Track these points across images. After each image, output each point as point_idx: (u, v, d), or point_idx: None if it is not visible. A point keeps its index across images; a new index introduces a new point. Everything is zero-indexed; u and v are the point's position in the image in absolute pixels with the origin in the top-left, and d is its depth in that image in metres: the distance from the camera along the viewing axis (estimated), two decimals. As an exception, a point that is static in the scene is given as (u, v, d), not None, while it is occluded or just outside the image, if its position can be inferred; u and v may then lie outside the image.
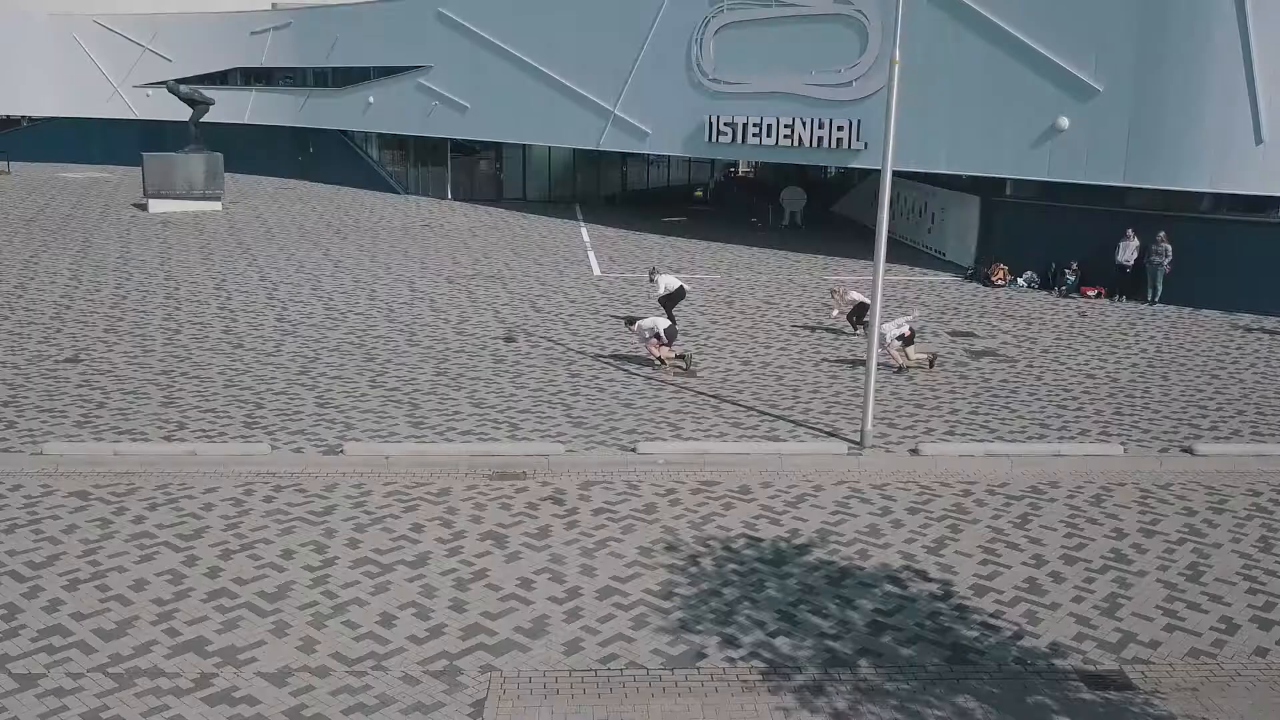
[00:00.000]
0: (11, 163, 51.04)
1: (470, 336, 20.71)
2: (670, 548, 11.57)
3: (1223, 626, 10.14)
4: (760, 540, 11.82)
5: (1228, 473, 14.08)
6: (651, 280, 21.34)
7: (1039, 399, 17.16)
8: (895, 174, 16.24)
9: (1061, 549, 11.75)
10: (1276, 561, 11.52)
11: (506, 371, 18.23)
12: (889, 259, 16.04)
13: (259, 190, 43.83)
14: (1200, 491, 13.47)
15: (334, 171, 47.48)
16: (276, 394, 16.61)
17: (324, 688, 8.79)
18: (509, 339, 20.62)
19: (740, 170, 49.18)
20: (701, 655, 9.44)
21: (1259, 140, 23.15)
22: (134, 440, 14.33)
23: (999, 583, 10.95)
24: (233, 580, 10.58)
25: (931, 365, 18.73)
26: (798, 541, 11.80)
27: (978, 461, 14.33)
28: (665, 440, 14.77)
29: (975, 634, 9.93)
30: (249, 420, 15.30)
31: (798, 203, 37.20)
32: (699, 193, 44.99)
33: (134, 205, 38.92)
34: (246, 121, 49.28)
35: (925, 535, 12.05)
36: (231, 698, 8.62)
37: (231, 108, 47.61)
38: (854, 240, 31.91)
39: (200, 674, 8.94)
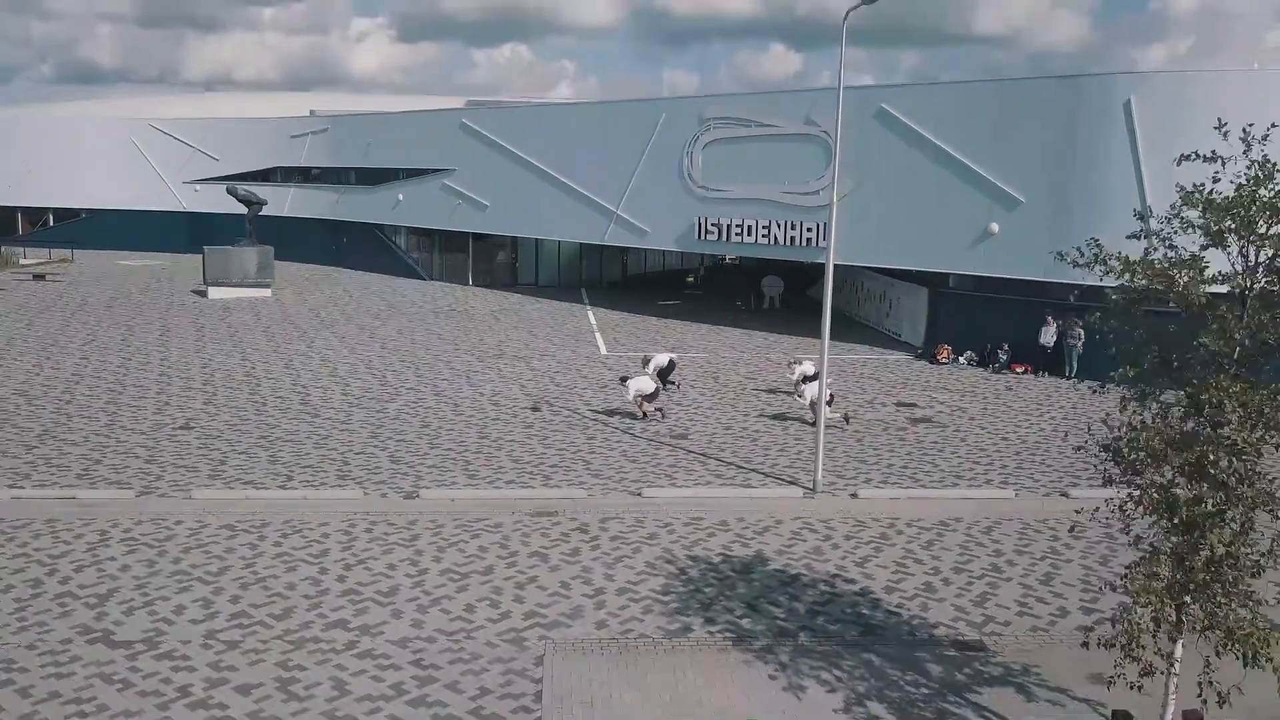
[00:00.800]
0: (73, 250, 55.43)
1: (503, 407, 24.72)
2: (668, 562, 15.45)
3: (1058, 613, 14.01)
4: (733, 557, 15.70)
5: (1090, 510, 17.97)
6: (644, 366, 25.73)
7: (959, 456, 21.15)
8: (859, 267, 20.32)
9: (953, 564, 15.64)
10: (1109, 571, 15.39)
11: (535, 435, 22.20)
12: (855, 339, 20.15)
13: (300, 277, 48.10)
14: (1066, 524, 17.35)
15: (366, 259, 51.87)
16: (356, 453, 20.56)
17: (433, 649, 12.63)
18: (534, 409, 24.63)
19: (727, 259, 53.58)
20: (689, 630, 13.29)
21: (1143, 237, 27.39)
22: (257, 489, 18.26)
23: (904, 585, 14.83)
24: (356, 583, 14.43)
25: (847, 421, 22.90)
26: (761, 558, 15.68)
27: (902, 503, 18.28)
28: (663, 487, 18.73)
29: (882, 617, 13.80)
30: (340, 473, 19.24)
31: (776, 289, 41.52)
32: (691, 278, 49.31)
33: (194, 291, 43.12)
34: (286, 214, 53.72)
35: (855, 554, 15.94)
36: (371, 655, 12.45)
37: (273, 202, 52.00)
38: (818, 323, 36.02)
39: (347, 641, 12.77)
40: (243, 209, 46.94)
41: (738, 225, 35.81)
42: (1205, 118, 27.94)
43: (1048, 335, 28.98)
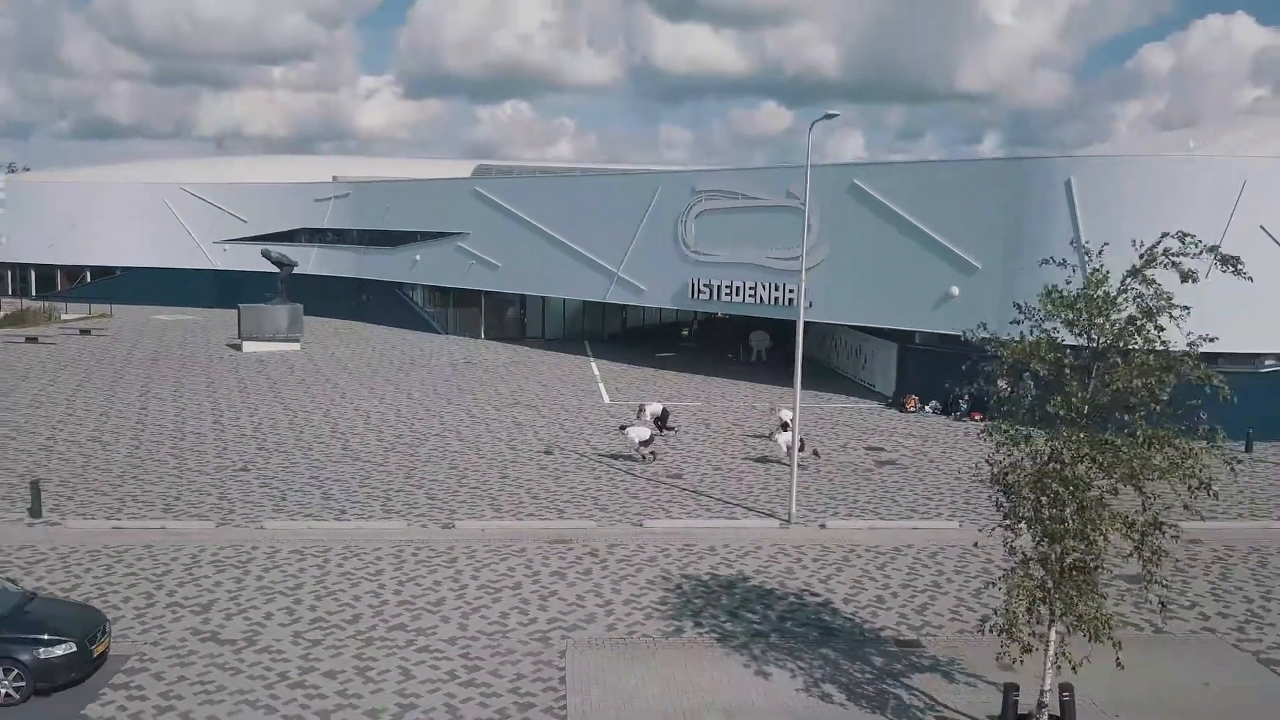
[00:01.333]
0: (111, 305, 58.60)
1: (519, 450, 27.68)
2: (664, 579, 18.35)
3: (981, 620, 16.88)
4: (719, 576, 18.62)
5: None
6: (640, 415, 28.82)
7: (916, 493, 24.11)
8: (837, 324, 23.31)
9: (901, 581, 18.56)
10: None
11: (549, 474, 25.16)
12: (833, 389, 23.19)
13: (325, 331, 51.19)
14: (1002, 550, 20.29)
15: (385, 315, 55.04)
16: (396, 491, 23.50)
17: (476, 645, 15.50)
18: (547, 452, 27.58)
19: (718, 315, 56.75)
20: (682, 631, 16.18)
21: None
22: (316, 520, 21.18)
23: (859, 598, 17.74)
24: (409, 596, 17.32)
25: (816, 455, 25.96)
26: (742, 576, 18.59)
27: (863, 532, 21.22)
28: (661, 518, 21.67)
29: (839, 623, 16.69)
30: (385, 508, 22.17)
31: (763, 342, 44.66)
32: (685, 332, 52.47)
33: (229, 345, 46.19)
34: (310, 272, 56.90)
35: (820, 574, 18.85)
36: (428, 649, 15.32)
37: (298, 261, 55.31)
38: (809, 374, 39.04)
39: (406, 639, 15.65)
40: (272, 268, 50.20)
41: (727, 286, 39.03)
42: (1136, 195, 31.76)
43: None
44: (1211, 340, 12.35)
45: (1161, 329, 12.07)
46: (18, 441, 27.60)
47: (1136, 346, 11.90)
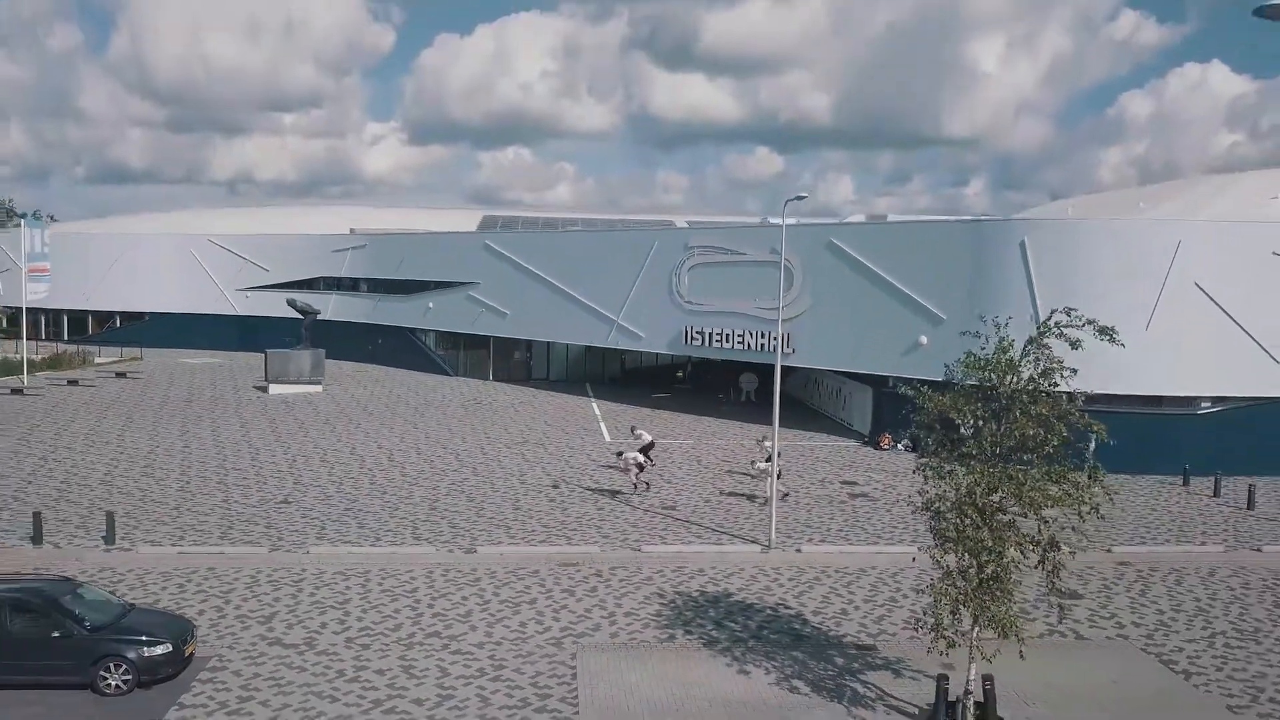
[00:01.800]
0: (140, 349, 61.34)
1: (529, 484, 30.30)
2: (660, 596, 20.94)
3: (930, 629, 19.48)
4: (707, 593, 21.21)
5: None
6: (633, 433, 31.43)
7: (883, 522, 26.74)
8: (818, 368, 25.94)
9: (864, 597, 21.16)
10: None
11: (557, 506, 27.78)
12: (815, 428, 25.83)
13: (344, 374, 53.89)
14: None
15: (398, 358, 57.82)
16: (423, 521, 26.10)
17: (500, 649, 18.07)
18: (554, 485, 30.20)
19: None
20: (674, 638, 18.77)
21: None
22: (355, 546, 23.78)
23: (826, 610, 20.34)
24: (441, 609, 19.90)
25: (783, 498, 28.41)
26: (726, 593, 21.18)
27: (834, 556, 23.83)
28: (657, 544, 24.28)
29: (809, 631, 19.28)
30: (414, 535, 24.77)
31: (751, 384, 47.38)
32: (680, 374, 55.24)
33: (256, 387, 48.88)
34: (328, 318, 59.73)
35: (794, 591, 21.45)
36: (460, 652, 17.88)
37: (317, 307, 58.19)
38: (793, 413, 41.88)
39: (441, 644, 18.21)
40: (292, 313, 53.03)
41: (718, 333, 41.89)
42: (1084, 255, 34.67)
43: (966, 428, 34.67)
44: (1086, 394, 15.05)
45: (1055, 384, 14.76)
46: (79, 477, 30.20)
47: (1029, 402, 14.54)
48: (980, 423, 14.92)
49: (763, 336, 40.25)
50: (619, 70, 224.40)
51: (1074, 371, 14.84)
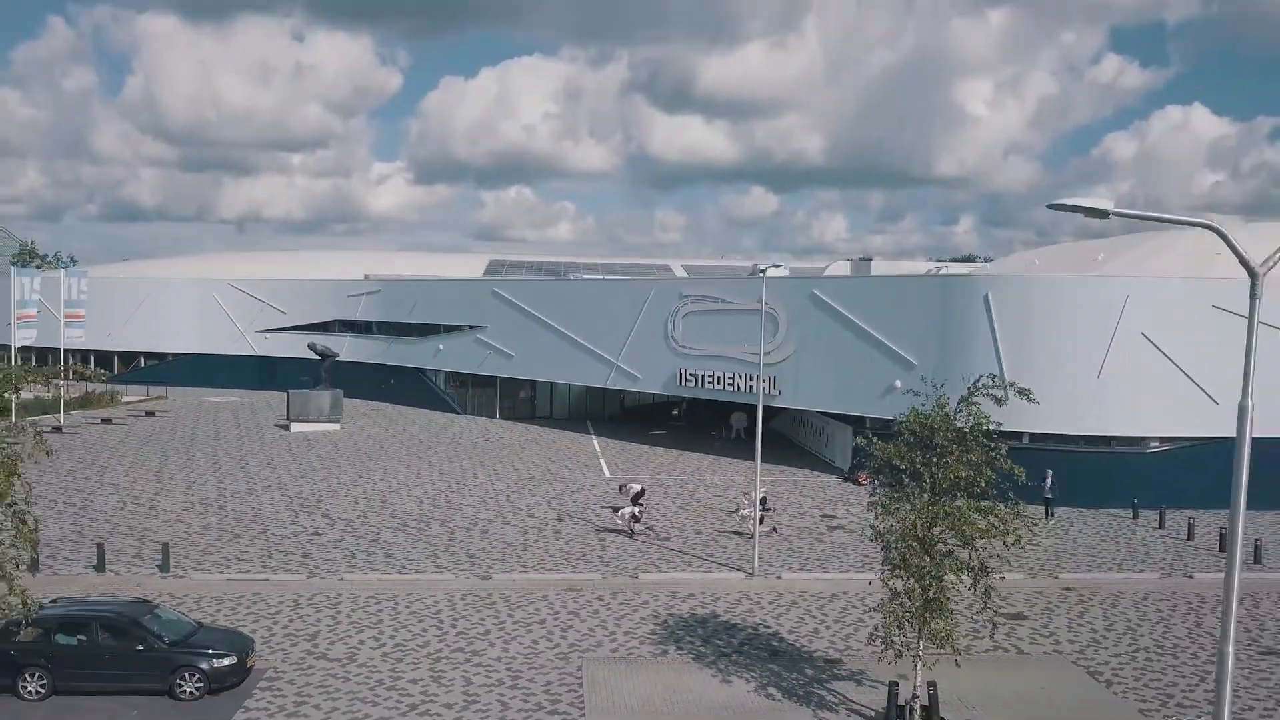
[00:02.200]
0: (165, 387, 63.93)
1: (536, 518, 32.83)
2: (654, 617, 23.45)
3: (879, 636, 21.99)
4: (696, 614, 23.72)
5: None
6: (622, 490, 33.83)
7: (857, 552, 29.27)
8: (802, 409, 28.54)
9: (834, 618, 23.67)
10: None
11: (562, 537, 30.30)
12: (800, 464, 28.49)
13: (359, 412, 56.47)
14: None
15: (409, 396, 60.44)
16: (442, 551, 28.62)
17: (516, 661, 20.55)
18: (559, 519, 32.73)
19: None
20: (667, 652, 21.27)
21: (1006, 398, 35.98)
22: (383, 573, 26.29)
23: (801, 629, 22.85)
24: (463, 628, 22.39)
25: (776, 531, 30.87)
26: (713, 615, 23.69)
27: (810, 582, 26.36)
28: (652, 572, 26.80)
29: (784, 647, 21.79)
30: (435, 563, 27.29)
31: (741, 422, 50.00)
32: (675, 412, 57.86)
33: (278, 425, 51.44)
34: (343, 358, 62.41)
35: (773, 613, 23.96)
36: (482, 664, 20.38)
37: (335, 350, 60.88)
38: (781, 450, 44.49)
39: (465, 658, 20.70)
40: (310, 355, 55.69)
41: (709, 375, 44.58)
42: (1042, 308, 37.51)
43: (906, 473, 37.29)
44: (1009, 439, 17.67)
45: (983, 432, 17.39)
46: (126, 511, 32.71)
47: (961, 451, 17.17)
48: (919, 467, 17.52)
49: (750, 379, 42.89)
50: (619, 112, 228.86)
51: (999, 424, 17.46)
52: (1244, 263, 12.27)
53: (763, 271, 33.43)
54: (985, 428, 17.41)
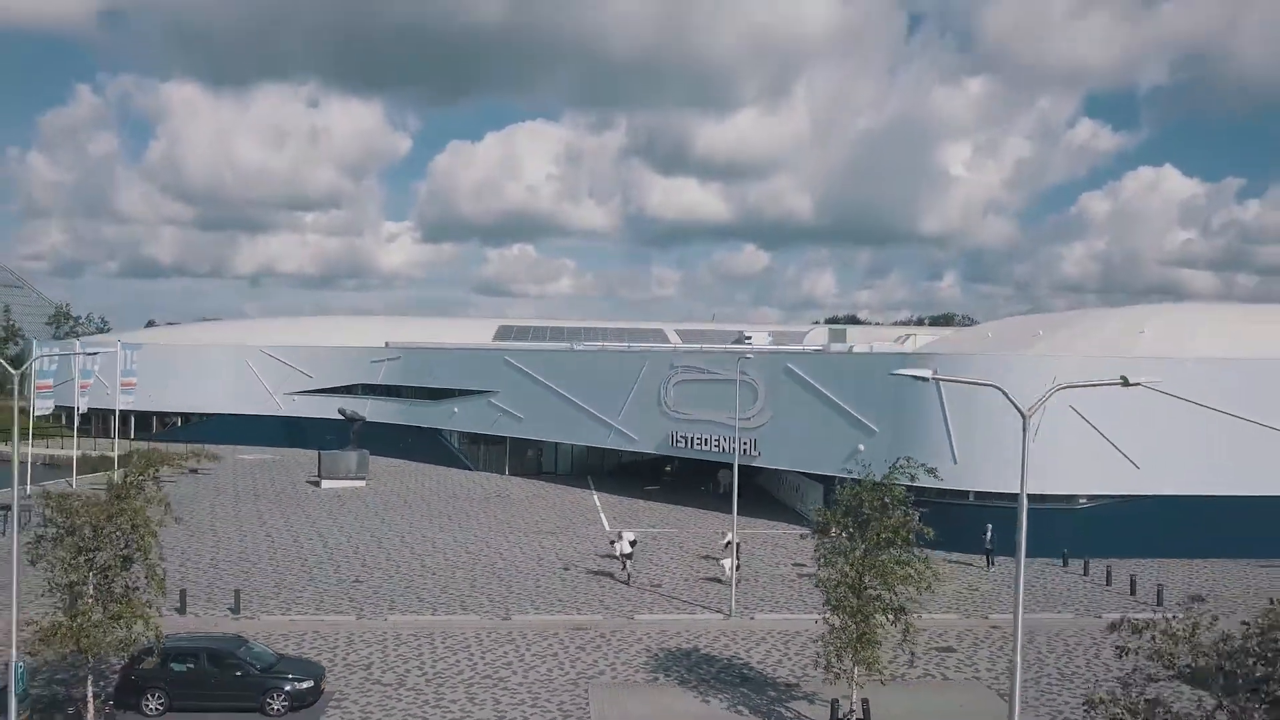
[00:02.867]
0: (199, 445, 68.19)
1: (545, 566, 37.05)
2: (648, 651, 27.65)
3: (821, 662, 26.20)
4: (682, 649, 27.92)
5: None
6: (619, 539, 38.02)
7: (820, 596, 33.41)
8: (778, 468, 32.89)
9: (796, 650, 27.88)
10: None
11: (568, 584, 34.50)
12: (778, 518, 32.77)
13: (380, 468, 60.70)
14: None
15: (425, 453, 64.75)
16: (467, 595, 32.82)
17: (536, 685, 24.74)
18: (565, 568, 36.94)
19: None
20: (658, 679, 25.49)
21: (954, 461, 40.48)
22: (418, 615, 30.48)
23: (768, 660, 27.06)
24: (490, 659, 26.57)
25: (736, 569, 34.96)
26: (696, 649, 27.90)
27: (779, 621, 30.58)
28: (645, 615, 31.03)
29: (752, 674, 26.00)
30: (462, 606, 31.50)
31: (728, 478, 54.26)
32: (668, 468, 62.14)
33: (309, 482, 55.68)
34: (365, 418, 66.79)
35: (745, 647, 28.17)
36: (507, 688, 24.56)
37: (361, 414, 65.29)
38: (763, 504, 48.78)
39: (493, 683, 24.88)
40: (335, 416, 60.11)
41: (698, 438, 49.01)
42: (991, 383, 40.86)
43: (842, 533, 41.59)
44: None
45: (904, 501, 21.79)
46: (191, 562, 36.90)
47: (884, 519, 21.56)
48: (851, 530, 21.93)
49: (734, 442, 47.27)
50: (617, 174, 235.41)
51: (912, 495, 21.92)
52: (1015, 406, 16.82)
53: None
54: (900, 498, 21.83)
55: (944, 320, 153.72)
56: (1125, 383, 18.24)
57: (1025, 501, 16.92)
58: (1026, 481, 17.66)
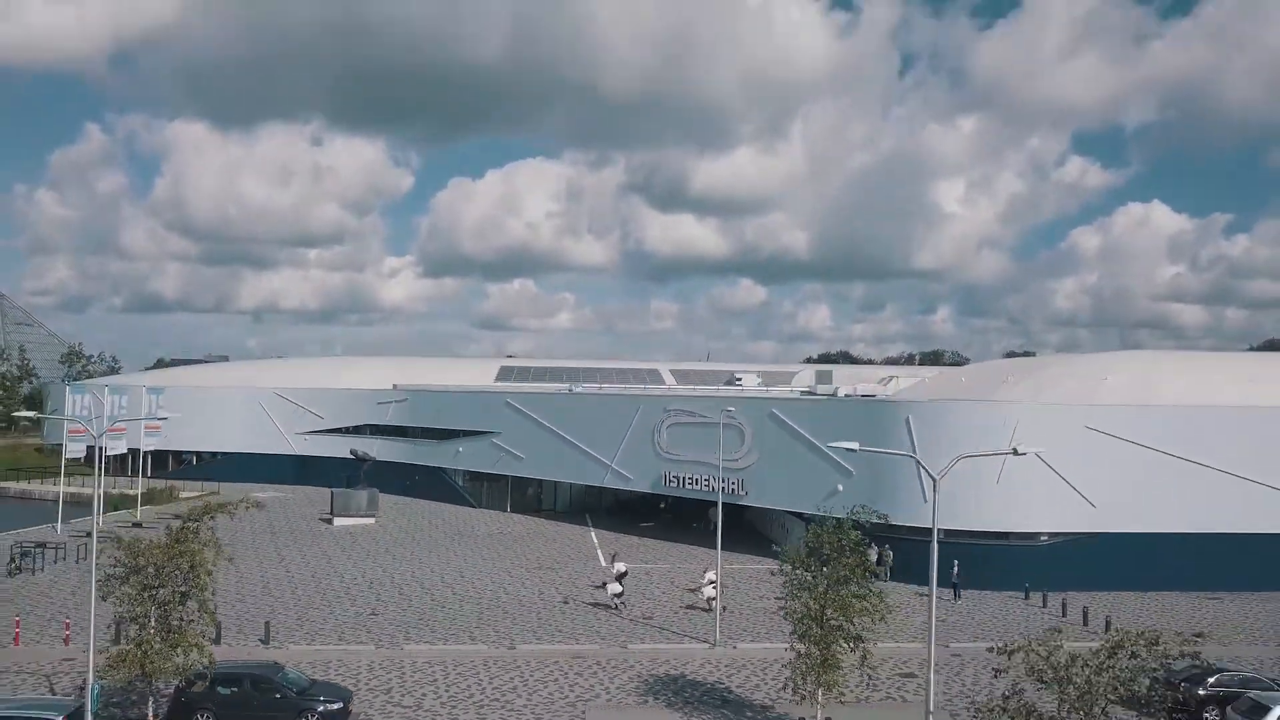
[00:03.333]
0: (214, 483, 71.27)
1: (546, 600, 40.10)
2: (640, 677, 30.70)
3: (789, 684, 29.26)
4: (669, 675, 30.97)
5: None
6: (613, 563, 41.10)
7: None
8: (765, 506, 36.08)
9: (773, 676, 30.89)
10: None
11: (567, 616, 37.55)
12: (763, 554, 35.78)
13: (388, 505, 63.73)
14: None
15: (432, 492, 67.84)
16: (475, 628, 35.86)
17: (540, 706, 27.78)
18: (564, 601, 40.00)
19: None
20: (648, 701, 28.54)
21: (924, 500, 43.61)
22: (431, 644, 33.54)
23: (747, 684, 30.10)
24: (499, 684, 29.61)
25: (709, 604, 38.06)
26: (683, 675, 30.94)
27: (759, 650, 33.63)
28: (638, 644, 34.10)
29: (733, 697, 29.06)
30: (471, 636, 34.55)
31: (718, 516, 57.35)
32: (662, 505, 65.22)
33: (322, 519, 58.74)
34: (375, 459, 69.94)
35: (728, 673, 31.22)
36: (512, 710, 27.60)
37: (372, 455, 68.47)
38: (752, 540, 51.86)
39: (501, 705, 27.94)
40: (344, 455, 63.33)
41: (689, 478, 52.21)
42: (952, 427, 45.94)
43: (873, 554, 44.66)
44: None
45: (859, 545, 24.98)
46: (221, 595, 39.77)
47: (841, 560, 24.74)
48: (814, 568, 25.12)
49: (723, 481, 50.46)
50: (616, 211, 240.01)
51: (867, 539, 25.14)
52: (926, 471, 20.12)
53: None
54: (855, 541, 25.02)
55: (933, 358, 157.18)
56: (1015, 452, 21.20)
57: (936, 541, 20.12)
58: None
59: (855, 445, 19.50)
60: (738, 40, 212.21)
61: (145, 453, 75.81)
